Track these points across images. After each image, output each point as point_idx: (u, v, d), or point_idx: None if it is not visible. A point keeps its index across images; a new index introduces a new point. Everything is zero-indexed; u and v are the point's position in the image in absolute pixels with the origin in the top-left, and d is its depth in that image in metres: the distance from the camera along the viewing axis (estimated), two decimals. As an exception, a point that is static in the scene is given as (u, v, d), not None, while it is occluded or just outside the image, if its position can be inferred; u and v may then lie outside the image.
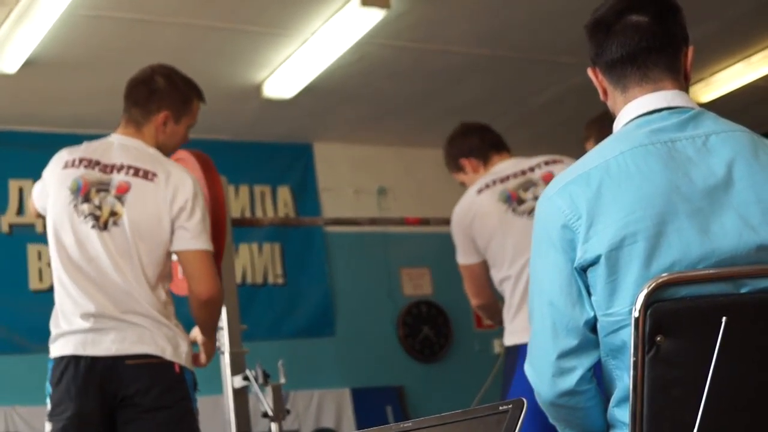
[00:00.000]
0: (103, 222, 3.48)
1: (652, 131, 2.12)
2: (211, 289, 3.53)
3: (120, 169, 3.55)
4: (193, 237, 3.50)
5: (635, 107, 2.20)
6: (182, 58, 6.25)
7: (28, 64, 5.92)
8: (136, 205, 3.49)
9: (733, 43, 6.92)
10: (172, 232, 3.50)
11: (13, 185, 7.04)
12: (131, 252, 3.45)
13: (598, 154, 2.15)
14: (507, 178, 4.22)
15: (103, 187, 3.52)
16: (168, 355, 3.42)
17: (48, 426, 3.41)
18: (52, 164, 3.66)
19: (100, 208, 3.49)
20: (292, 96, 6.92)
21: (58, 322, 3.48)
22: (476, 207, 4.23)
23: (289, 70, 6.51)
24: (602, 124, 4.03)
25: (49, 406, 3.42)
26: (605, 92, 2.29)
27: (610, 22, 2.21)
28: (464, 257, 4.36)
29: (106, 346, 3.38)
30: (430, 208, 8.18)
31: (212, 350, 3.78)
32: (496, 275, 4.21)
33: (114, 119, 7.21)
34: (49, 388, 3.44)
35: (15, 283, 6.86)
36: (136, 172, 3.54)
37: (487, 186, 4.22)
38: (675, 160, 2.07)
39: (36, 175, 3.79)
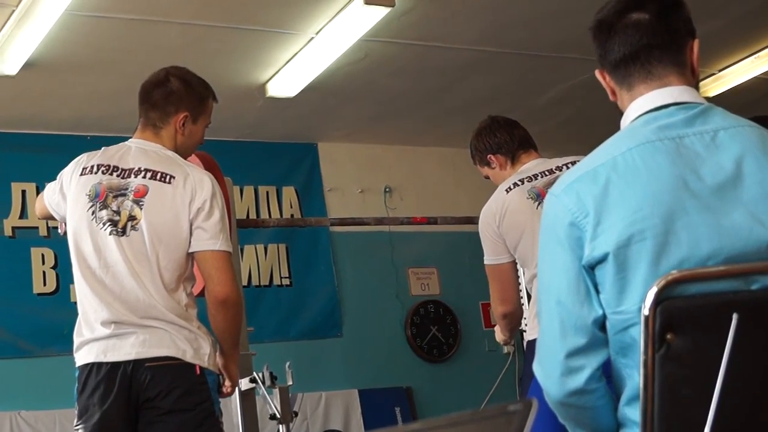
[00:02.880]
0: (122, 227, 3.47)
1: (659, 127, 2.11)
2: (230, 289, 3.49)
3: (137, 172, 3.55)
4: (211, 237, 3.47)
5: (642, 104, 2.19)
6: (185, 58, 6.24)
7: (29, 66, 5.91)
8: (155, 208, 3.47)
9: (742, 38, 6.91)
10: (191, 234, 3.49)
11: (16, 188, 7.02)
12: (149, 256, 3.44)
13: (604, 151, 2.13)
14: (536, 176, 4.21)
15: (120, 192, 3.52)
16: (188, 357, 3.40)
17: None
18: (71, 169, 3.66)
19: (118, 213, 3.49)
20: (296, 95, 6.91)
21: (81, 331, 3.48)
22: (506, 205, 4.19)
23: (293, 69, 6.50)
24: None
25: (77, 414, 3.44)
26: (613, 92, 2.28)
27: (612, 21, 2.21)
28: (493, 257, 4.24)
29: (126, 350, 3.38)
30: (436, 206, 8.18)
31: (236, 373, 3.68)
32: (526, 273, 4.21)
33: (116, 120, 7.22)
34: (76, 396, 3.45)
35: (19, 287, 6.86)
36: (154, 175, 3.53)
37: (516, 185, 4.20)
38: (683, 157, 2.05)
39: (39, 178, 3.78)
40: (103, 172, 3.56)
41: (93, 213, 3.50)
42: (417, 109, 7.66)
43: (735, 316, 1.86)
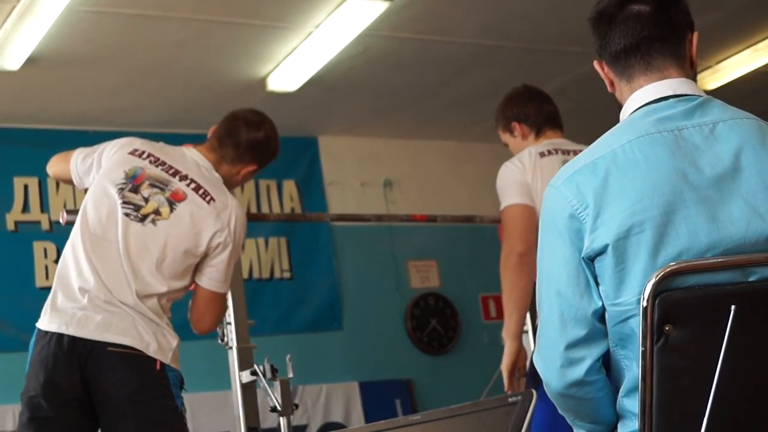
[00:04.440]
0: (143, 215, 3.50)
1: (658, 119, 2.11)
2: (212, 326, 3.73)
3: (183, 178, 3.59)
4: (219, 280, 3.59)
5: (641, 96, 2.19)
6: (186, 53, 6.27)
7: (31, 61, 5.91)
8: (183, 217, 3.51)
9: (740, 30, 6.90)
10: (203, 264, 3.57)
11: (18, 183, 7.04)
12: (153, 254, 3.46)
13: (604, 143, 2.14)
14: (568, 152, 4.17)
15: (159, 185, 3.55)
16: (151, 351, 3.40)
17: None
18: (120, 143, 3.69)
19: (146, 201, 3.52)
20: (296, 89, 6.91)
21: (54, 297, 3.48)
22: (540, 168, 4.08)
23: (293, 63, 6.50)
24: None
25: (27, 369, 3.46)
26: (612, 84, 2.28)
27: (612, 13, 2.21)
28: (517, 197, 4.03)
29: (90, 329, 3.37)
30: (437, 199, 8.19)
31: None
32: None
33: (118, 115, 7.22)
34: (30, 353, 3.47)
35: (21, 281, 6.86)
36: (197, 188, 3.58)
37: (549, 152, 4.15)
38: (682, 149, 2.06)
39: (41, 173, 3.80)
40: (150, 162, 3.60)
41: (121, 190, 3.53)
42: (417, 103, 7.66)
43: (733, 308, 1.87)
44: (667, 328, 1.91)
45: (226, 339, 3.91)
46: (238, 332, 3.97)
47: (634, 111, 2.19)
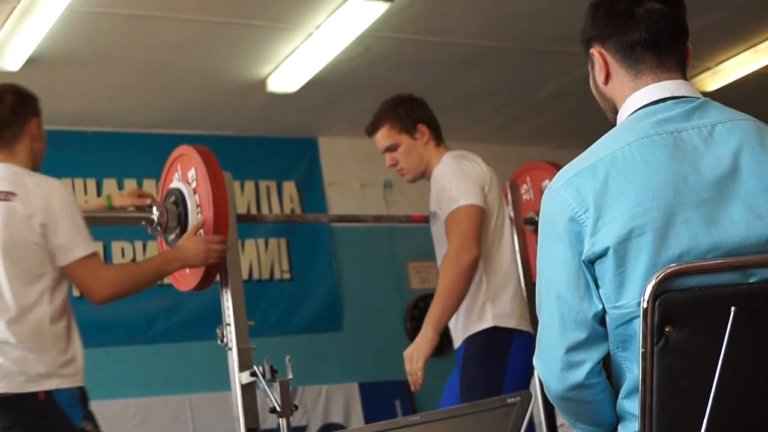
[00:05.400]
0: None
1: (657, 121, 2.11)
2: (105, 290, 3.46)
3: None
4: (68, 249, 3.40)
5: (640, 97, 2.19)
6: (185, 54, 6.27)
7: (31, 62, 5.91)
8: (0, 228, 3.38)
9: (740, 32, 6.90)
10: (46, 250, 3.39)
11: (18, 183, 7.03)
12: None
13: (603, 146, 2.13)
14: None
15: None
16: (27, 386, 3.27)
17: None
18: None
19: None
20: (296, 90, 6.92)
21: None
22: (490, 176, 4.16)
23: (293, 64, 6.51)
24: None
25: None
26: (608, 76, 2.25)
27: (632, 4, 2.19)
28: (476, 198, 4.04)
29: None
30: (436, 200, 8.17)
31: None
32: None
33: (118, 116, 7.22)
34: None
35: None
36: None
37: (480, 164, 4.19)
38: (681, 151, 2.06)
39: (41, 172, 3.76)
40: None
41: None
42: (417, 104, 7.66)
43: (733, 309, 1.87)
44: (667, 330, 1.91)
45: (225, 340, 3.91)
46: (237, 333, 3.97)
47: (632, 113, 2.19)
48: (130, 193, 4.01)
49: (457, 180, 4.09)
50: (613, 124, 2.26)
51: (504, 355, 4.06)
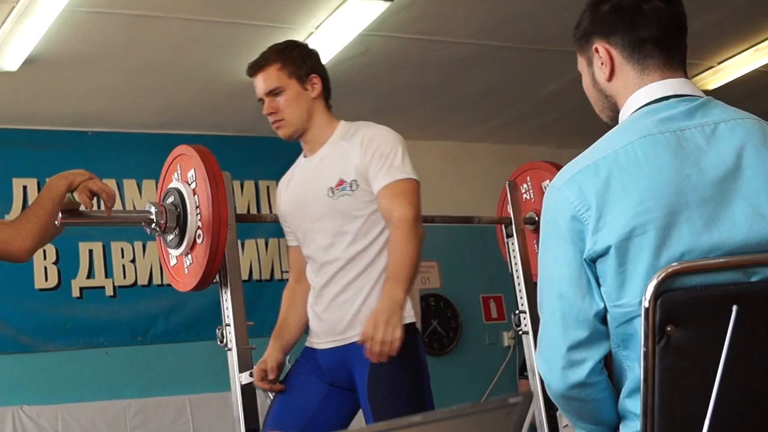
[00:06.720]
0: None
1: (660, 120, 2.11)
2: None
3: None
4: None
5: (643, 95, 2.19)
6: (185, 54, 6.26)
7: (30, 62, 5.90)
8: None
9: (741, 30, 6.89)
10: None
11: (17, 184, 7.01)
12: None
13: (605, 144, 2.13)
14: None
15: None
16: None
17: None
18: None
19: None
20: (296, 90, 6.90)
21: None
22: None
23: (293, 64, 6.49)
24: None
25: None
26: (612, 72, 2.24)
27: (640, 1, 2.19)
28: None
29: None
30: (437, 200, 8.14)
31: None
32: None
33: (117, 116, 7.21)
34: None
35: (20, 283, 6.85)
36: None
37: None
38: (684, 150, 2.06)
39: (40, 174, 3.75)
40: None
41: None
42: (417, 104, 7.65)
43: (735, 309, 1.87)
44: (668, 329, 1.90)
45: (225, 340, 3.90)
46: (237, 334, 3.97)
47: (635, 111, 2.18)
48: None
49: (404, 152, 3.90)
50: (608, 125, 2.25)
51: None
